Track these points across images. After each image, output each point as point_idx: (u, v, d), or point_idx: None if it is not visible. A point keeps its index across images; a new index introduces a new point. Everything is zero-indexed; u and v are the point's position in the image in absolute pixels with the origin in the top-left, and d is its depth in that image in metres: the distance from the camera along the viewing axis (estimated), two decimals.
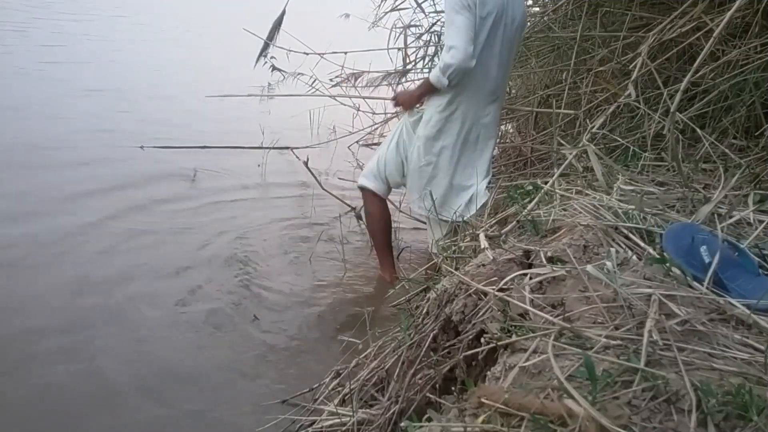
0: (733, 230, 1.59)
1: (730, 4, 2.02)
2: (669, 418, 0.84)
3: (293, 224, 3.64)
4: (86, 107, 5.54)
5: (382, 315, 2.20)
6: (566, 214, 1.61)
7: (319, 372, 2.06)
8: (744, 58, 2.44)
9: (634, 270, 1.26)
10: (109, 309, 2.48)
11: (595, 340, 1.02)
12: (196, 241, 3.23)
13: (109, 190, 3.75)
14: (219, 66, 7.93)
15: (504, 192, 2.21)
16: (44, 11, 10.76)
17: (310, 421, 1.73)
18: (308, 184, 4.23)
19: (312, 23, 4.63)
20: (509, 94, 4.78)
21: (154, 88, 6.66)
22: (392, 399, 1.46)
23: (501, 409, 0.88)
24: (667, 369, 0.93)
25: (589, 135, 2.24)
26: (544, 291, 1.25)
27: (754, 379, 0.93)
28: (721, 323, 1.11)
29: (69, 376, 2.05)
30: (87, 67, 7.20)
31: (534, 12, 4.39)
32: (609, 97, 2.77)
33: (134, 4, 13.51)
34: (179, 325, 2.44)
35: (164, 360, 2.21)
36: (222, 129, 5.40)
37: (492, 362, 1.14)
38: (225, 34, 10.63)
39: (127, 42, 9.37)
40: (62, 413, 1.88)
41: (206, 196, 3.93)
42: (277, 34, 4.24)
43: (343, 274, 3.05)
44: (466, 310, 1.34)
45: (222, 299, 2.65)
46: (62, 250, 2.93)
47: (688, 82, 1.89)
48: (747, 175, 1.98)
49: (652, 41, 2.56)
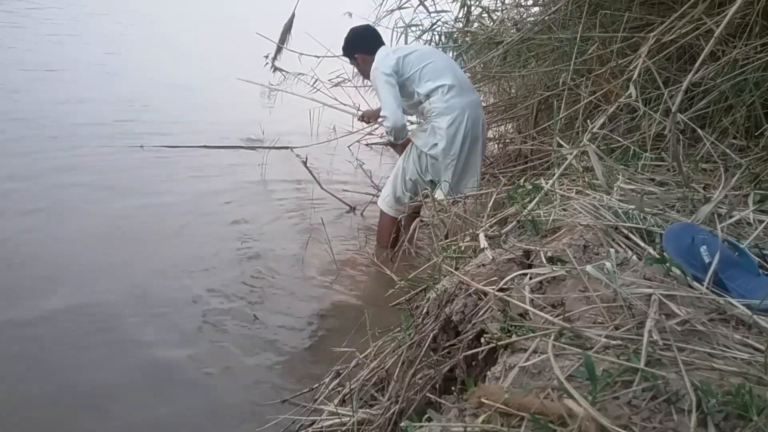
0: (733, 230, 1.59)
1: (730, 4, 2.02)
2: (669, 418, 0.84)
3: (293, 224, 3.64)
4: (85, 107, 5.55)
5: (382, 315, 2.19)
6: (566, 214, 1.61)
7: (319, 372, 2.06)
8: (744, 58, 2.44)
9: (634, 270, 1.26)
10: (103, 310, 2.48)
11: (595, 340, 1.01)
12: (196, 241, 3.23)
13: (109, 189, 3.76)
14: (219, 65, 7.92)
15: (504, 192, 2.21)
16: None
17: (310, 421, 1.73)
18: (308, 184, 4.24)
19: (313, 23, 4.62)
20: (509, 94, 4.79)
21: (152, 87, 6.66)
22: (392, 399, 1.46)
23: (501, 409, 0.88)
24: (667, 369, 0.93)
25: (589, 135, 2.23)
26: (544, 291, 1.25)
27: (754, 379, 0.93)
28: (721, 323, 1.11)
29: (63, 376, 2.05)
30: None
31: (534, 12, 4.39)
32: (609, 97, 2.77)
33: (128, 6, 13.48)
34: (179, 325, 2.44)
35: (164, 360, 2.21)
36: (222, 129, 5.41)
37: (492, 362, 1.14)
38: (225, 33, 10.65)
39: (125, 41, 9.37)
40: (57, 413, 1.88)
41: (206, 195, 3.93)
42: (288, 36, 4.28)
43: (343, 274, 3.05)
44: (466, 310, 1.34)
45: (222, 299, 2.65)
46: (61, 249, 2.93)
47: (689, 83, 1.89)
48: (747, 175, 1.98)
49: (652, 42, 2.55)
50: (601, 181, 1.83)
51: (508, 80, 4.65)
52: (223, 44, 9.75)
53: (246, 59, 5.21)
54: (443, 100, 2.96)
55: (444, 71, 3.04)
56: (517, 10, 4.65)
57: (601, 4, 3.31)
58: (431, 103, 2.99)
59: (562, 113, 3.12)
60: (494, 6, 4.60)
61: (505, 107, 4.63)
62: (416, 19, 4.51)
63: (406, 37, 4.41)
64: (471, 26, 4.42)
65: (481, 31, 4.33)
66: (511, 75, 4.29)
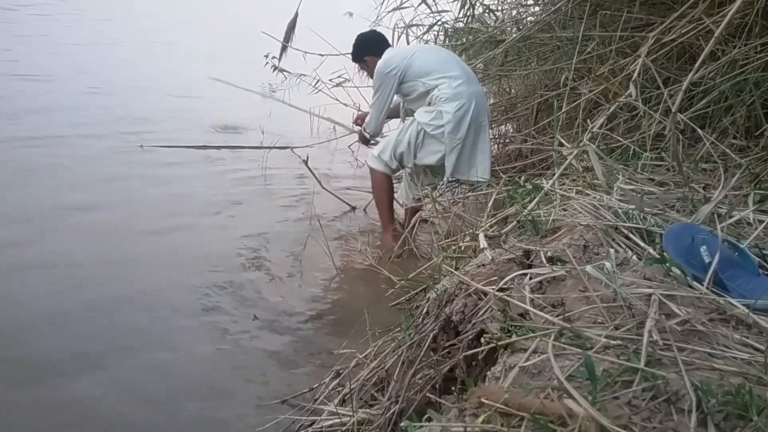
0: (733, 230, 1.59)
1: (730, 4, 2.02)
2: (669, 418, 0.84)
3: (293, 223, 3.64)
4: (88, 107, 5.55)
5: (382, 315, 2.20)
6: (566, 214, 1.61)
7: (319, 372, 2.06)
8: (744, 58, 2.44)
9: (634, 270, 1.26)
10: (105, 310, 2.48)
11: (595, 340, 1.02)
12: (196, 241, 3.23)
13: (105, 187, 3.76)
14: (220, 66, 7.92)
15: (504, 192, 2.21)
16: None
17: (310, 421, 1.73)
18: (308, 184, 4.24)
19: (315, 23, 4.62)
20: (509, 94, 4.79)
21: (151, 88, 6.66)
22: (392, 399, 1.46)
23: (501, 409, 0.88)
24: (667, 369, 0.93)
25: (589, 134, 2.24)
26: (544, 291, 1.25)
27: (754, 379, 0.93)
28: (721, 323, 1.11)
29: (65, 381, 2.05)
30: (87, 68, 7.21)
31: (535, 11, 4.39)
32: (609, 97, 2.77)
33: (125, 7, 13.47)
34: (178, 325, 2.43)
35: (163, 360, 2.21)
36: (222, 128, 5.40)
37: (492, 362, 1.14)
38: (224, 35, 10.64)
39: (125, 41, 9.37)
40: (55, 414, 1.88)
41: (205, 195, 3.93)
42: (292, 36, 4.29)
43: (343, 274, 3.05)
44: (466, 310, 1.34)
45: (221, 299, 2.65)
46: (60, 251, 2.93)
47: (689, 82, 1.89)
48: (747, 175, 1.98)
49: (652, 42, 2.55)
50: (601, 180, 1.83)
51: (508, 80, 4.65)
52: (223, 44, 9.74)
53: (246, 60, 5.21)
54: (452, 87, 3.11)
55: (452, 63, 3.24)
56: (518, 9, 4.65)
57: (602, 3, 3.31)
58: (440, 90, 3.12)
59: (562, 113, 3.13)
60: (495, 5, 4.61)
61: (506, 107, 4.62)
62: (417, 18, 4.51)
63: (407, 37, 4.41)
64: (473, 25, 4.42)
65: (483, 29, 4.33)
66: (512, 74, 4.29)
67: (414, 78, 3.17)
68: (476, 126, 3.16)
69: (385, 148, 3.31)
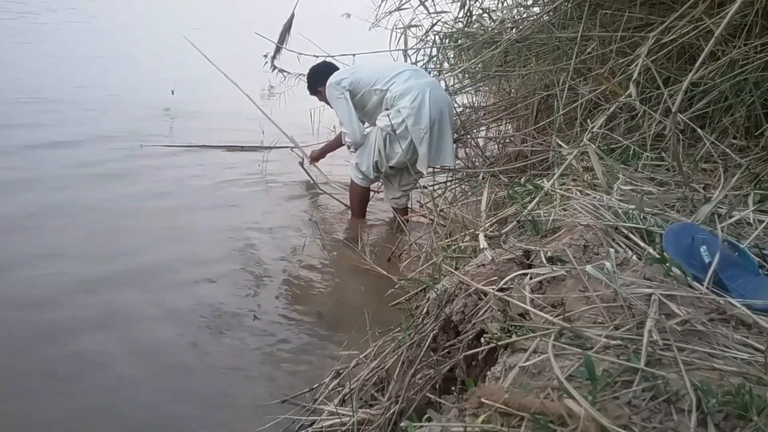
0: (733, 230, 1.59)
1: (730, 4, 2.02)
2: (669, 418, 0.84)
3: (293, 223, 3.64)
4: (86, 107, 5.55)
5: (382, 315, 2.19)
6: (566, 214, 1.61)
7: (319, 372, 2.06)
8: (744, 58, 2.44)
9: (634, 270, 1.26)
10: (105, 308, 2.48)
11: (595, 340, 1.01)
12: (196, 241, 3.23)
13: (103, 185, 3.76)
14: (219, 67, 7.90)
15: (504, 192, 2.21)
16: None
17: (310, 421, 1.73)
18: (308, 184, 4.24)
19: (312, 24, 4.62)
20: (509, 94, 4.78)
21: (150, 87, 6.65)
22: (392, 399, 1.46)
23: (501, 409, 0.88)
24: (667, 369, 0.93)
25: (589, 134, 2.23)
26: (544, 291, 1.25)
27: (754, 379, 0.93)
28: (721, 323, 1.11)
29: (65, 377, 2.05)
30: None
31: (535, 12, 4.38)
32: (609, 97, 2.77)
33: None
34: (178, 325, 2.43)
35: (163, 360, 2.21)
36: (222, 128, 5.40)
37: (492, 362, 1.14)
38: (223, 35, 10.64)
39: (125, 44, 9.37)
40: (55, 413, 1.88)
41: (204, 195, 3.93)
42: (288, 36, 4.30)
43: (342, 274, 3.05)
44: (466, 310, 1.34)
45: (221, 299, 2.65)
46: (59, 250, 2.93)
47: (689, 82, 1.89)
48: (747, 175, 1.98)
49: (652, 42, 2.55)
50: (601, 180, 1.83)
51: (508, 80, 4.65)
52: (223, 44, 9.73)
53: (246, 59, 5.19)
54: (402, 83, 3.31)
55: (397, 65, 3.57)
56: (517, 9, 4.64)
57: (601, 3, 3.31)
58: (391, 91, 3.31)
59: (562, 113, 3.13)
60: (494, 6, 4.60)
61: (505, 107, 4.62)
62: (416, 19, 4.50)
63: (405, 38, 4.40)
64: (471, 26, 4.41)
65: (481, 31, 4.32)
66: (511, 74, 4.28)
67: (365, 86, 3.38)
68: (437, 111, 3.27)
69: (362, 160, 3.48)
